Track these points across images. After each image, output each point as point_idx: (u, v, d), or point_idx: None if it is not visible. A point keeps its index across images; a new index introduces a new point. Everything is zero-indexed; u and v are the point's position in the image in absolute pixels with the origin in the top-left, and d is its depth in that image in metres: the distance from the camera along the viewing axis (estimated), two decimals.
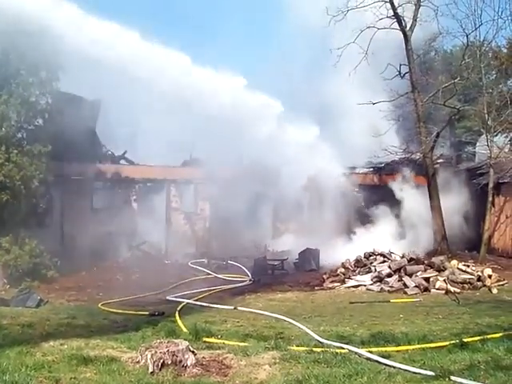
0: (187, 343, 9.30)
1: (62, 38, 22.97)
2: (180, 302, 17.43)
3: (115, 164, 30.87)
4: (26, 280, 20.40)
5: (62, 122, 23.14)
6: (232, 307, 16.78)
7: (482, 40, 29.30)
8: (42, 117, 23.30)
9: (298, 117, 31.17)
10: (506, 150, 29.11)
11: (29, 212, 22.31)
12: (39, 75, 22.53)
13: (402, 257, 22.29)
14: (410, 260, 21.77)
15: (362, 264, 22.93)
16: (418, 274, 20.55)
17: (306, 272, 25.35)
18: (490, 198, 27.04)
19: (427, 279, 20.05)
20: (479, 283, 20.12)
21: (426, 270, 20.83)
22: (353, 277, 22.02)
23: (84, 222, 28.52)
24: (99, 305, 16.88)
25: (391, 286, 20.12)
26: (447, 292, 18.98)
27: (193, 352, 9.14)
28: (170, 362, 8.78)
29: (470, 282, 20.03)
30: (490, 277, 20.55)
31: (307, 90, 37.27)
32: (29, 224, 22.43)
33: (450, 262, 21.87)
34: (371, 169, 34.73)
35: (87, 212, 30.14)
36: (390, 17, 28.82)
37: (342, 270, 22.95)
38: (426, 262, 21.59)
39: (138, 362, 8.98)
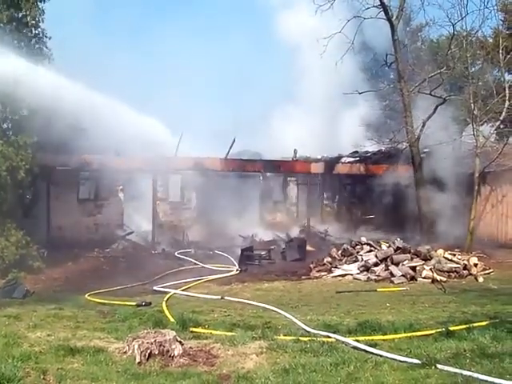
0: (174, 333, 9.32)
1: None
2: (167, 292, 17.44)
3: (101, 154, 30.75)
4: (13, 271, 20.28)
5: (47, 113, 23.02)
6: (219, 297, 16.80)
7: (468, 30, 29.45)
8: (28, 107, 23.14)
9: None
10: (492, 140, 29.23)
11: (15, 203, 22.22)
12: None
13: (389, 246, 22.36)
14: (397, 249, 21.83)
15: (349, 253, 22.99)
16: (405, 263, 20.63)
17: (292, 261, 25.41)
18: (476, 188, 27.15)
19: (414, 268, 20.14)
20: (465, 272, 20.23)
21: (412, 259, 20.91)
22: (339, 266, 22.06)
23: (70, 213, 28.48)
24: (86, 295, 16.82)
25: (378, 275, 20.19)
26: (433, 281, 19.06)
27: (180, 342, 9.16)
28: (157, 352, 8.80)
29: (456, 271, 20.14)
30: (475, 265, 20.68)
31: None
32: (15, 215, 22.33)
33: (436, 251, 21.97)
34: (357, 158, 34.81)
35: (74, 203, 30.08)
36: (376, 6, 28.90)
37: (329, 259, 23.01)
38: (412, 251, 21.66)
39: (125, 353, 9.00)
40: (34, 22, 23.13)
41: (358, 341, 9.86)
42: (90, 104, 26.08)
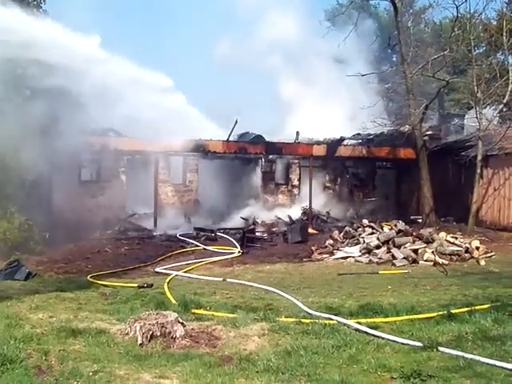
0: (176, 315, 9.34)
1: None
2: (169, 274, 17.46)
3: (103, 136, 30.65)
4: (15, 254, 20.30)
5: (49, 94, 22.94)
6: (221, 279, 16.82)
7: (471, 12, 29.28)
8: (30, 88, 23.09)
9: None
10: (495, 123, 29.15)
11: (17, 185, 22.19)
12: None
13: (391, 228, 22.36)
14: (399, 232, 21.83)
15: (351, 235, 23.02)
16: (407, 245, 20.63)
17: (294, 244, 25.40)
18: (479, 171, 27.11)
19: (415, 251, 20.13)
20: (467, 255, 20.21)
21: (414, 242, 20.91)
22: (341, 248, 22.09)
23: (72, 195, 28.39)
24: (88, 277, 16.83)
25: (380, 258, 20.19)
26: (435, 264, 19.07)
27: (182, 324, 9.17)
28: (158, 334, 8.82)
29: (458, 254, 20.12)
30: (477, 249, 20.66)
31: None
32: (17, 197, 22.31)
33: (438, 233, 21.97)
34: (360, 140, 34.77)
35: (75, 185, 29.99)
36: None
37: (331, 241, 23.04)
38: (414, 233, 21.66)
39: (127, 334, 9.02)
40: (35, 2, 23.10)
41: (359, 323, 9.90)
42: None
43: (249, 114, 38.40)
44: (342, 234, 23.53)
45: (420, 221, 29.06)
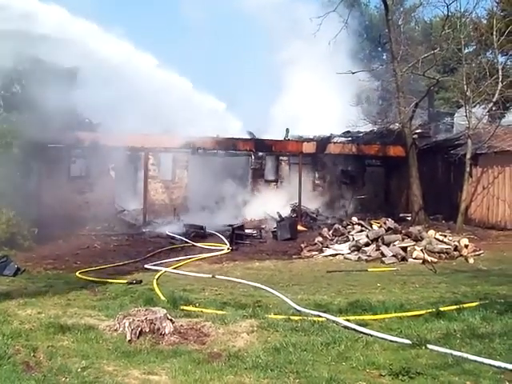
0: (165, 311, 9.33)
1: None
2: (158, 271, 17.42)
3: (93, 132, 30.56)
4: (4, 249, 20.21)
5: (39, 90, 22.88)
6: (210, 275, 16.80)
7: (462, 11, 29.39)
8: (20, 83, 23.02)
9: None
10: (484, 121, 29.24)
11: (6, 180, 22.10)
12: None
13: (380, 226, 22.38)
14: (388, 229, 21.85)
15: (340, 233, 23.02)
16: (396, 243, 20.63)
17: (283, 241, 25.40)
18: (468, 169, 27.17)
19: (405, 249, 20.14)
20: (456, 253, 20.23)
21: (403, 240, 20.92)
22: (330, 246, 22.08)
23: (61, 191, 28.32)
24: (77, 273, 16.78)
25: (369, 255, 20.19)
26: (424, 261, 19.08)
27: (171, 320, 9.17)
28: (147, 330, 8.81)
29: (446, 252, 20.15)
30: (466, 247, 20.68)
31: None
32: (5, 193, 22.23)
33: (427, 231, 22.01)
34: (349, 138, 34.81)
35: (65, 180, 29.93)
36: None
37: (320, 238, 23.02)
38: (403, 231, 21.69)
39: (116, 330, 9.00)
40: None
41: (348, 320, 9.92)
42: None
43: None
44: (331, 232, 23.52)
45: (409, 218, 29.15)
